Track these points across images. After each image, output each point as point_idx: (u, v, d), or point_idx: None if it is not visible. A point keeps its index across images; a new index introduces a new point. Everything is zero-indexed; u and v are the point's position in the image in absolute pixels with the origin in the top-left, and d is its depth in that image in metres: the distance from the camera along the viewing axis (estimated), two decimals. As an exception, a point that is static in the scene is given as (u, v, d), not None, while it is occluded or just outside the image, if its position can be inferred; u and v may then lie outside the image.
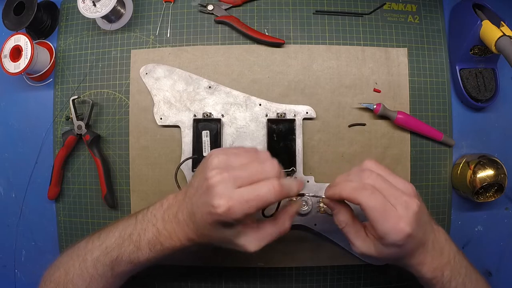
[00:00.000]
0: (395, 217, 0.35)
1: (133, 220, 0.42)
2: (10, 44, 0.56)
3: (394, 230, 0.35)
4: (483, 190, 0.54)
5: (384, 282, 0.57)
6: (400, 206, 0.36)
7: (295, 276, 0.56)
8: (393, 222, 0.35)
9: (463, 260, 0.41)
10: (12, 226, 0.60)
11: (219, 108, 0.56)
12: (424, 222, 0.38)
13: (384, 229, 0.35)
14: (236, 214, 0.34)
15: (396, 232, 0.35)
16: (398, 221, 0.35)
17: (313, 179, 0.54)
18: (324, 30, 0.58)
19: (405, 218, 0.35)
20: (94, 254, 0.41)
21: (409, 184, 0.38)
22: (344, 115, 0.56)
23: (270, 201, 0.35)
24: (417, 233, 0.36)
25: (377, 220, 0.35)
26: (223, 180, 0.35)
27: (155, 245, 0.40)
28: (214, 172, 0.35)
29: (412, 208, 0.36)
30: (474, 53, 0.55)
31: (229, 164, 0.36)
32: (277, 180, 0.35)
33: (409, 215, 0.35)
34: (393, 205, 0.36)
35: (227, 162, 0.36)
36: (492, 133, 0.58)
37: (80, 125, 0.56)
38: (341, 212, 0.40)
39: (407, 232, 0.35)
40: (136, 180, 0.57)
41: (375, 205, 0.35)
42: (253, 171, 0.36)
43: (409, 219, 0.35)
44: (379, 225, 0.35)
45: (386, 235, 0.35)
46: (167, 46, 0.58)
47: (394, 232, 0.35)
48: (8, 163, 0.60)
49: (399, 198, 0.36)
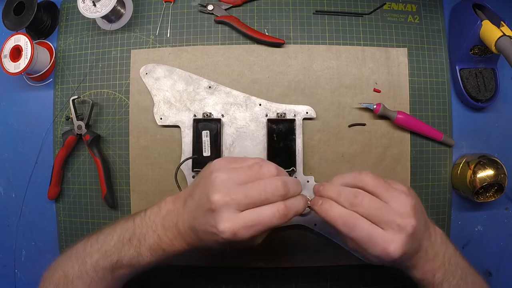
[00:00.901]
0: (384, 241, 0.35)
1: (130, 223, 0.41)
2: (10, 44, 0.56)
3: (383, 254, 0.35)
4: (483, 190, 0.54)
5: (384, 282, 0.57)
6: (392, 230, 0.35)
7: (295, 276, 0.56)
8: (382, 247, 0.35)
9: (460, 262, 0.41)
10: (12, 226, 0.60)
11: (219, 108, 0.56)
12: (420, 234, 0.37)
13: (373, 254, 0.35)
14: (242, 238, 0.34)
15: (385, 255, 0.35)
16: (388, 245, 0.35)
17: (313, 179, 0.54)
18: (324, 30, 0.58)
19: (395, 243, 0.35)
20: (94, 257, 0.41)
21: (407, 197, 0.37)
22: (344, 115, 0.56)
23: (275, 224, 0.34)
24: (411, 249, 0.36)
25: (366, 247, 0.35)
26: (226, 204, 0.34)
27: (157, 250, 0.39)
28: (216, 193, 0.34)
29: (405, 230, 0.35)
30: (474, 53, 0.55)
31: (233, 185, 0.35)
32: (283, 204, 0.35)
33: (401, 238, 0.35)
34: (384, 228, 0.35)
35: (230, 180, 0.35)
36: (492, 133, 0.58)
37: (80, 125, 0.56)
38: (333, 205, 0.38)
39: (397, 255, 0.35)
40: (136, 180, 0.57)
41: (360, 235, 0.35)
42: (256, 193, 0.34)
43: (401, 242, 0.35)
44: (368, 250, 0.36)
45: (376, 258, 0.36)
46: (167, 46, 0.58)
47: (383, 255, 0.35)
48: (8, 163, 0.60)
49: (392, 223, 0.35)
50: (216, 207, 0.34)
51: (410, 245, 0.36)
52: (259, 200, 0.34)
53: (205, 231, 0.36)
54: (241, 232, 0.33)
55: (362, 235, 0.35)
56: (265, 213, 0.34)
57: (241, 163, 0.37)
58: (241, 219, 0.34)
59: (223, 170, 0.36)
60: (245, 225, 0.33)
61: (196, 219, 0.37)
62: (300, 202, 0.37)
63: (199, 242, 0.38)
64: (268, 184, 0.35)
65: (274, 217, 0.34)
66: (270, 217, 0.34)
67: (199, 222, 0.36)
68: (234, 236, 0.34)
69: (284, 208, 0.34)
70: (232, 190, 0.35)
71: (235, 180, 0.35)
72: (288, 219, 0.35)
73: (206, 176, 0.37)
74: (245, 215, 0.34)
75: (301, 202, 0.37)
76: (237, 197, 0.34)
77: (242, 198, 0.34)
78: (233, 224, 0.33)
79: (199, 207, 0.36)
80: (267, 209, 0.34)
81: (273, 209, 0.34)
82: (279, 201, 0.35)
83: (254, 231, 0.34)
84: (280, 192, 0.35)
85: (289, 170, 0.53)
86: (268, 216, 0.34)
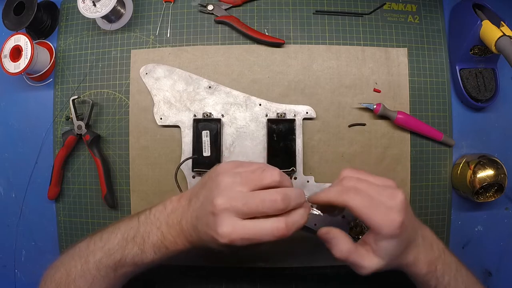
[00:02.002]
0: (384, 209, 0.36)
1: (135, 222, 0.42)
2: (10, 44, 0.56)
3: (387, 222, 0.35)
4: (483, 190, 0.54)
5: (384, 282, 0.57)
6: (386, 198, 0.37)
7: (295, 276, 0.56)
8: (384, 214, 0.36)
9: (452, 256, 0.42)
10: (12, 226, 0.60)
11: (219, 108, 0.56)
12: (411, 214, 0.38)
13: (377, 223, 0.36)
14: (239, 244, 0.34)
15: (389, 223, 0.35)
16: (388, 212, 0.36)
17: (313, 179, 0.54)
18: (324, 30, 0.58)
19: (394, 208, 0.36)
20: (97, 255, 0.41)
21: (389, 179, 0.39)
22: (344, 115, 0.56)
23: (274, 237, 0.34)
24: (408, 222, 0.37)
25: (368, 216, 0.36)
26: (227, 210, 0.34)
27: (160, 248, 0.40)
28: (220, 197, 0.35)
29: (398, 197, 0.36)
30: (474, 53, 0.55)
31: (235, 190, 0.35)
32: (284, 222, 0.34)
33: (397, 204, 0.36)
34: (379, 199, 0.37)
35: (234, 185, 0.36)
36: (492, 133, 0.58)
37: (80, 125, 0.56)
38: (340, 240, 0.38)
39: (399, 220, 0.35)
40: (136, 180, 0.57)
41: (362, 202, 0.36)
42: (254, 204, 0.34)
43: (398, 208, 0.36)
44: (371, 220, 0.36)
45: (380, 229, 0.36)
46: (167, 46, 0.58)
47: (387, 223, 0.35)
48: (8, 163, 0.60)
49: (383, 192, 0.37)
50: (218, 211, 0.34)
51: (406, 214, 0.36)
52: (256, 211, 0.34)
53: (205, 232, 0.36)
54: (238, 241, 0.34)
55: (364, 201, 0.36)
56: (264, 228, 0.34)
57: (245, 168, 0.38)
58: (240, 229, 0.34)
59: (228, 173, 0.37)
60: (243, 236, 0.34)
61: (199, 219, 0.37)
62: (302, 216, 0.37)
63: (200, 241, 0.38)
64: (267, 195, 0.35)
65: (273, 235, 0.34)
66: (269, 233, 0.34)
67: (201, 223, 0.37)
68: (231, 243, 0.34)
69: (284, 228, 0.34)
70: (233, 196, 0.35)
71: (238, 184, 0.36)
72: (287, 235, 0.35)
73: (212, 178, 0.38)
74: (244, 224, 0.34)
75: (303, 216, 0.37)
76: (237, 204, 0.34)
77: (240, 206, 0.34)
78: (232, 232, 0.34)
79: (203, 208, 0.37)
80: (268, 224, 0.34)
81: (272, 226, 0.34)
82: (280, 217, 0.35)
83: (251, 241, 0.34)
84: (279, 207, 0.35)
85: (289, 170, 0.53)
86: (267, 231, 0.34)
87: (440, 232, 0.57)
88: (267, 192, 0.35)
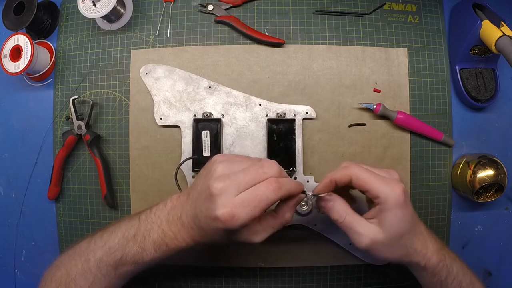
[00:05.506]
0: (389, 180, 0.39)
1: (136, 220, 0.42)
2: (10, 44, 0.56)
3: (393, 191, 0.37)
4: (483, 190, 0.54)
5: (384, 282, 0.57)
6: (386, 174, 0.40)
7: (295, 276, 0.56)
8: (387, 184, 0.38)
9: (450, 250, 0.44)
10: (12, 226, 0.60)
11: (219, 108, 0.56)
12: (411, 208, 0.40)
13: (381, 190, 0.38)
14: (241, 220, 0.34)
15: (394, 192, 0.37)
16: (393, 184, 0.38)
17: (313, 179, 0.54)
18: (324, 30, 0.58)
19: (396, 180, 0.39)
20: (97, 254, 0.41)
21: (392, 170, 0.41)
22: (344, 115, 0.56)
23: (271, 199, 0.35)
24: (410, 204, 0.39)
25: (372, 185, 0.38)
26: (225, 188, 0.35)
27: (161, 246, 0.40)
28: (216, 180, 0.36)
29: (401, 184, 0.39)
30: (474, 53, 0.55)
31: (231, 171, 0.37)
32: (274, 178, 0.36)
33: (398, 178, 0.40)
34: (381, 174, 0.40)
35: (229, 169, 0.37)
36: (492, 133, 0.58)
37: (80, 125, 0.56)
38: (337, 202, 0.40)
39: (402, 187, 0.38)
40: (136, 180, 0.57)
41: (368, 174, 0.39)
42: (252, 175, 0.36)
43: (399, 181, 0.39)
44: (376, 188, 0.38)
45: (385, 197, 0.37)
46: (167, 46, 0.58)
47: (393, 193, 0.37)
48: (8, 163, 0.60)
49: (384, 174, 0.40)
50: (215, 191, 0.35)
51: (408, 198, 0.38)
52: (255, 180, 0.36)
53: (205, 217, 0.36)
54: (239, 213, 0.34)
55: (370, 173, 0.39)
56: (259, 189, 0.35)
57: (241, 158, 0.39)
58: (238, 199, 0.35)
59: (224, 161, 0.38)
60: (242, 203, 0.34)
61: (198, 207, 0.38)
62: (293, 182, 0.38)
63: (201, 233, 0.38)
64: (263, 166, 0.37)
65: (268, 191, 0.35)
66: (264, 191, 0.35)
67: (200, 210, 0.37)
68: (232, 219, 0.34)
69: (276, 182, 0.36)
70: (231, 175, 0.36)
71: (234, 167, 0.37)
72: (283, 194, 0.36)
73: (207, 168, 0.39)
74: (241, 195, 0.35)
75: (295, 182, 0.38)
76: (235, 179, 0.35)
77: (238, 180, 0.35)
78: (232, 206, 0.34)
79: (200, 196, 0.37)
80: (261, 185, 0.35)
81: (266, 185, 0.35)
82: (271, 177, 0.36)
83: (252, 210, 0.35)
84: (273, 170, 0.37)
85: (289, 170, 0.53)
86: (262, 190, 0.35)
87: (440, 232, 0.57)
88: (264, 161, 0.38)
